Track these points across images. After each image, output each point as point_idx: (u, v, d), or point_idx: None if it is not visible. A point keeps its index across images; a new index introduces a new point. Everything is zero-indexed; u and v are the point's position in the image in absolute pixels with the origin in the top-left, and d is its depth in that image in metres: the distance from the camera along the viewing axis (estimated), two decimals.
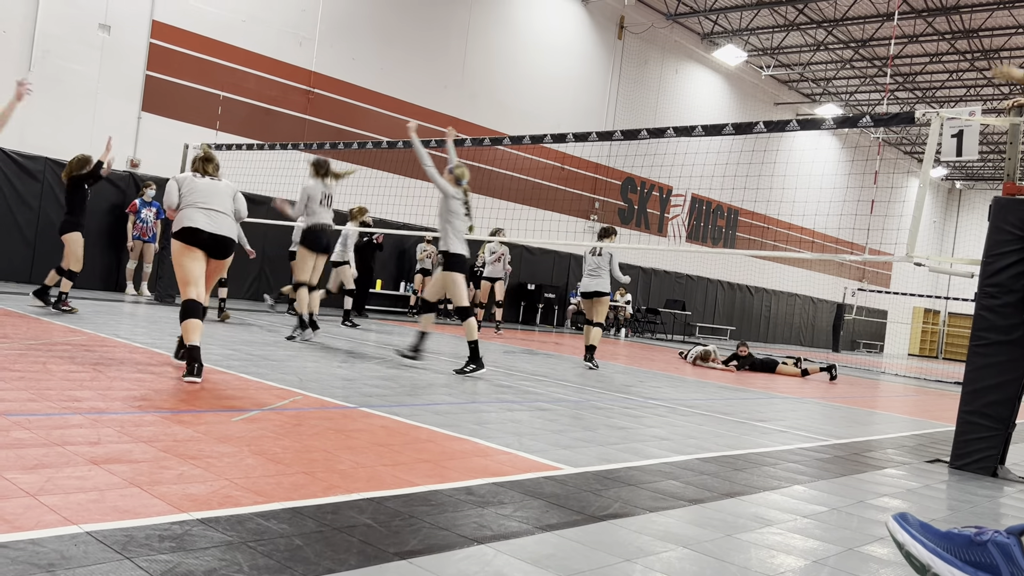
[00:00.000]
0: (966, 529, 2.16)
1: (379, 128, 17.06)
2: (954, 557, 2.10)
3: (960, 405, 4.89)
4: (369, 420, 4.28)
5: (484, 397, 5.77)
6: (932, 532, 2.17)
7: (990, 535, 2.09)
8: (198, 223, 5.34)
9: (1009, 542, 2.05)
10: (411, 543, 2.37)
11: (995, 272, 4.78)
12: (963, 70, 26.25)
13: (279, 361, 6.42)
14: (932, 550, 2.13)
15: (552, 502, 3.02)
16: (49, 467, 2.70)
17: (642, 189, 24.23)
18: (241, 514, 2.44)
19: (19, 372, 4.46)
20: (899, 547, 2.21)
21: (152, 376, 4.89)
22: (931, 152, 5.22)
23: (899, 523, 2.23)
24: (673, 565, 2.47)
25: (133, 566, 1.94)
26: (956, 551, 2.11)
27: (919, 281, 34.69)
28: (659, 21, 23.87)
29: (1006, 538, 2.06)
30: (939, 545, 2.13)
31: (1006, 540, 2.06)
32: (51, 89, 12.69)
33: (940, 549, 2.12)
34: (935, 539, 2.15)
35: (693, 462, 4.19)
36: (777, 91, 29.60)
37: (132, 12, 13.50)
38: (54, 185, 12.56)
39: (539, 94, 20.83)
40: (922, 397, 11.52)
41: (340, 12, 16.42)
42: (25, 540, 2.03)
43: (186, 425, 3.60)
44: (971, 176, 39.24)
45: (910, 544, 2.17)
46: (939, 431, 7.14)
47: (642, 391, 7.58)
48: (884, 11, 22.54)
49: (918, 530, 2.19)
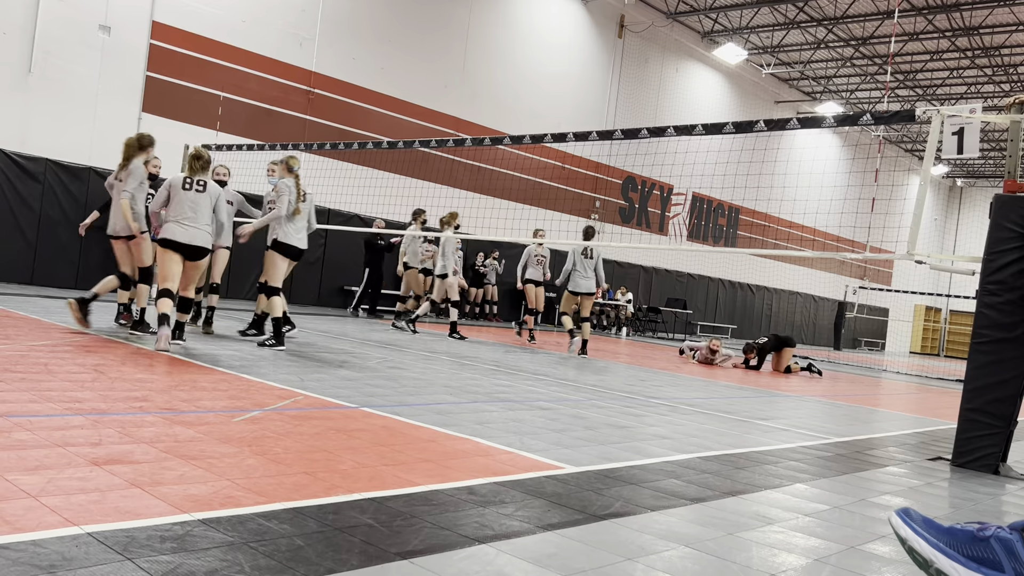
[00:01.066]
0: (969, 525, 2.16)
1: (380, 128, 17.06)
2: (957, 552, 2.10)
3: (962, 403, 4.89)
4: (370, 420, 4.28)
5: (485, 397, 5.77)
6: (935, 528, 2.18)
7: (993, 530, 2.09)
8: (176, 236, 6.71)
9: (1012, 537, 2.05)
10: (413, 543, 2.37)
11: (996, 269, 4.78)
12: (964, 67, 26.22)
13: (279, 362, 6.42)
14: (935, 545, 2.13)
15: (554, 501, 3.02)
16: (50, 468, 2.70)
17: (643, 188, 24.23)
18: (242, 514, 2.44)
19: (20, 373, 4.46)
20: (902, 542, 2.21)
21: (154, 377, 4.89)
22: (932, 150, 5.21)
23: (902, 519, 2.23)
24: (675, 564, 2.47)
25: (134, 567, 1.94)
26: (959, 546, 2.11)
27: (920, 279, 34.64)
28: (659, 20, 23.86)
29: (1009, 533, 2.07)
30: (942, 541, 2.13)
31: (1009, 536, 2.06)
32: (52, 91, 12.69)
33: (943, 544, 2.12)
34: (938, 535, 2.15)
35: (695, 461, 4.19)
36: (778, 89, 29.58)
37: (132, 13, 13.50)
38: (55, 186, 12.58)
39: (539, 93, 20.82)
40: (924, 395, 11.51)
41: (340, 12, 16.42)
42: (27, 541, 2.03)
43: (187, 426, 3.60)
44: (972, 174, 39.20)
45: (913, 540, 2.17)
46: (941, 429, 7.13)
47: (643, 390, 7.57)
48: (884, 9, 22.52)
49: (921, 526, 2.19)
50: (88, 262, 12.96)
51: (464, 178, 18.41)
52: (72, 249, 12.80)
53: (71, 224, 12.77)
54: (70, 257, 12.81)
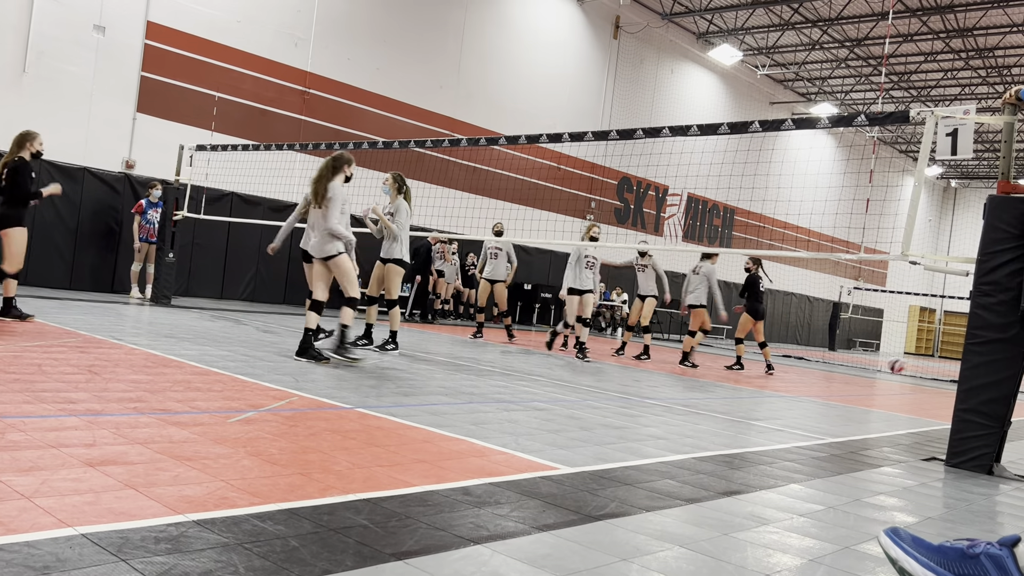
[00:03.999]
0: (958, 542, 2.16)
1: (375, 128, 17.04)
2: (948, 571, 2.10)
3: (956, 403, 4.90)
4: (365, 421, 4.28)
5: (481, 397, 5.77)
6: (925, 546, 2.17)
7: (982, 547, 2.09)
8: None
9: (1002, 554, 2.06)
10: (408, 544, 2.37)
11: (990, 270, 4.80)
12: (958, 69, 26.31)
13: (275, 362, 6.41)
14: (926, 565, 2.13)
15: (549, 502, 3.02)
16: (44, 469, 2.69)
17: (638, 189, 24.25)
18: (237, 515, 2.44)
19: (14, 374, 4.45)
20: (892, 563, 2.21)
21: (148, 378, 4.88)
22: (926, 151, 5.23)
23: (891, 538, 2.23)
24: (670, 564, 2.47)
25: (129, 568, 1.94)
26: (949, 565, 2.11)
27: (915, 279, 34.76)
28: (654, 21, 23.89)
29: (998, 550, 2.07)
30: (932, 559, 2.13)
31: (999, 552, 2.06)
32: (46, 90, 12.65)
33: (933, 563, 2.12)
34: (928, 553, 2.15)
35: (690, 461, 4.19)
36: (772, 90, 29.64)
37: (127, 13, 13.47)
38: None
39: (535, 94, 20.83)
40: (918, 395, 11.54)
41: (335, 12, 16.40)
42: (20, 543, 2.02)
43: (182, 427, 3.60)
44: (966, 175, 39.32)
45: (903, 560, 2.17)
46: (935, 429, 7.15)
47: (639, 391, 7.58)
48: (879, 10, 22.58)
49: (911, 545, 2.18)
50: (82, 263, 12.93)
51: (459, 178, 18.40)
52: (66, 250, 12.77)
53: (65, 224, 12.74)
54: (64, 257, 12.76)
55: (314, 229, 7.06)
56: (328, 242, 6.97)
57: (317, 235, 7.00)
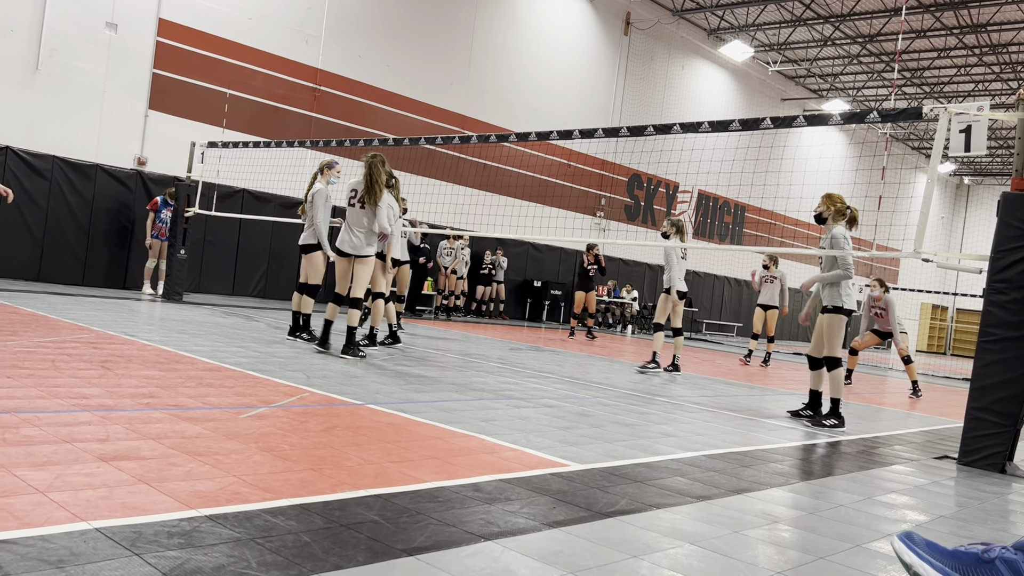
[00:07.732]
0: (973, 546, 2.14)
1: (386, 125, 17.06)
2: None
3: (968, 401, 4.88)
4: (376, 417, 4.29)
5: (491, 394, 5.77)
6: (939, 551, 2.15)
7: (998, 552, 2.07)
8: None
9: (1017, 558, 2.04)
10: (418, 539, 2.37)
11: (1003, 268, 4.77)
12: (971, 65, 26.10)
13: (286, 359, 6.43)
14: (940, 570, 2.11)
15: (559, 499, 3.02)
16: (58, 464, 2.71)
17: (648, 185, 24.19)
18: (249, 511, 2.45)
19: (28, 370, 4.48)
20: (906, 568, 2.19)
21: (161, 373, 4.91)
22: (939, 148, 5.19)
23: (905, 543, 2.21)
24: (680, 562, 2.47)
25: (142, 562, 1.95)
26: (964, 570, 2.09)
27: (927, 277, 34.56)
28: (665, 17, 23.81)
29: (1014, 554, 2.05)
30: (947, 564, 2.11)
31: (1014, 556, 2.04)
32: (58, 88, 12.72)
33: (948, 568, 2.10)
34: (942, 558, 2.13)
35: (700, 459, 4.19)
36: (784, 87, 29.50)
37: (139, 10, 13.52)
38: (62, 184, 12.61)
39: (545, 91, 20.80)
40: (930, 393, 11.48)
41: (346, 9, 16.42)
42: (35, 536, 2.04)
43: (194, 422, 3.62)
44: (979, 172, 39.04)
45: (918, 565, 2.15)
46: (947, 427, 7.12)
47: (649, 388, 7.57)
48: (892, 6, 22.43)
49: (925, 550, 2.16)
50: (95, 260, 13.01)
51: (470, 175, 18.41)
52: (79, 246, 12.85)
53: (77, 221, 12.82)
54: (77, 254, 12.84)
55: (353, 227, 7.14)
56: (371, 241, 7.14)
57: (360, 233, 7.10)
